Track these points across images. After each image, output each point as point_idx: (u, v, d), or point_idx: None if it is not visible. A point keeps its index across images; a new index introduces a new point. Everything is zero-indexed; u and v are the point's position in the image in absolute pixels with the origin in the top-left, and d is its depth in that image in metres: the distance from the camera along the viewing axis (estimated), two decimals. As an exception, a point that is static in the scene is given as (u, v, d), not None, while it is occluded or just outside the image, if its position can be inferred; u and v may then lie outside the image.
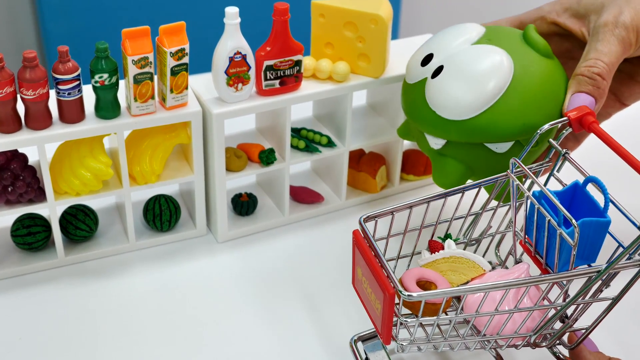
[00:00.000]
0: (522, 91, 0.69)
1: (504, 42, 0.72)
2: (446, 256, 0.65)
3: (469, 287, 0.57)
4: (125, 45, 0.73)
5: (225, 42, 0.76)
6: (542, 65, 0.71)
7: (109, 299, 0.78)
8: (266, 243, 0.86)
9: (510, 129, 0.69)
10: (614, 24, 0.68)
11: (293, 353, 0.72)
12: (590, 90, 0.68)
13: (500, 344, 0.63)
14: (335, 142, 0.87)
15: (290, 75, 0.80)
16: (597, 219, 0.57)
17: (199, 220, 0.85)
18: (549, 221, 0.58)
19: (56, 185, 0.77)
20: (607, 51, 0.68)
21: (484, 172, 0.73)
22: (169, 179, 0.82)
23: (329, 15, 0.82)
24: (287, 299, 0.78)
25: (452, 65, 0.71)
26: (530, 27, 0.72)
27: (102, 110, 0.75)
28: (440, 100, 0.71)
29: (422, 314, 0.59)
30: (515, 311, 0.59)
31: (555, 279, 0.58)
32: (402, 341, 0.61)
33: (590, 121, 0.63)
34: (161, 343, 0.73)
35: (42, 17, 1.64)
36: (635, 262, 0.57)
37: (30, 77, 0.71)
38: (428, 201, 0.65)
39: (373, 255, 0.58)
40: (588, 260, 0.59)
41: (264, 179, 0.91)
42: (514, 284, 0.57)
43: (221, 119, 0.78)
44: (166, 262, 0.83)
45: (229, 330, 0.75)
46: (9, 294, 0.78)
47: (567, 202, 0.61)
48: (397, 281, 0.56)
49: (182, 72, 0.76)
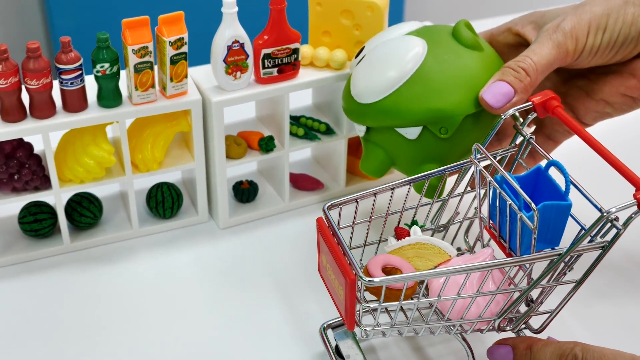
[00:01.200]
0: (428, 78, 0.71)
1: (431, 35, 0.74)
2: (412, 242, 0.66)
3: (429, 272, 0.57)
4: (126, 35, 0.75)
5: (223, 31, 0.78)
6: (459, 55, 0.72)
7: (114, 284, 0.80)
8: (267, 229, 0.88)
9: (413, 113, 0.71)
10: (553, 29, 0.69)
11: (299, 334, 0.74)
12: (512, 81, 0.68)
13: (465, 328, 0.63)
14: (334, 129, 0.88)
15: (288, 63, 0.81)
16: (558, 202, 0.58)
17: (201, 207, 0.87)
18: (509, 205, 0.59)
19: (61, 173, 0.79)
20: (539, 51, 0.68)
21: (403, 159, 0.76)
22: (171, 167, 0.83)
23: (326, 3, 0.83)
24: (287, 284, 0.80)
25: (369, 55, 0.75)
26: (461, 22, 0.74)
27: (104, 99, 0.77)
28: (354, 86, 0.75)
29: (384, 299, 0.59)
30: (478, 295, 0.60)
31: (516, 262, 0.58)
32: (365, 327, 0.61)
33: (554, 105, 0.64)
34: (164, 326, 0.75)
35: (49, 10, 1.66)
36: (597, 244, 0.57)
37: (33, 67, 0.73)
38: (392, 188, 0.66)
39: (335, 242, 0.59)
40: (551, 243, 0.59)
41: (265, 166, 0.93)
42: (475, 268, 0.58)
43: (220, 106, 0.80)
44: (169, 248, 0.85)
45: (229, 314, 0.76)
46: (17, 279, 0.80)
47: (530, 187, 0.62)
48: (358, 267, 0.57)
49: (181, 61, 0.77)
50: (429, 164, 0.74)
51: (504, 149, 0.68)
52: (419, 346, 0.72)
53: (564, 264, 0.59)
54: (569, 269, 0.59)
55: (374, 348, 0.72)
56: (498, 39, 0.77)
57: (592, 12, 0.69)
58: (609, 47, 0.69)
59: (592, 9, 0.69)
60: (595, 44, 0.69)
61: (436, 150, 0.73)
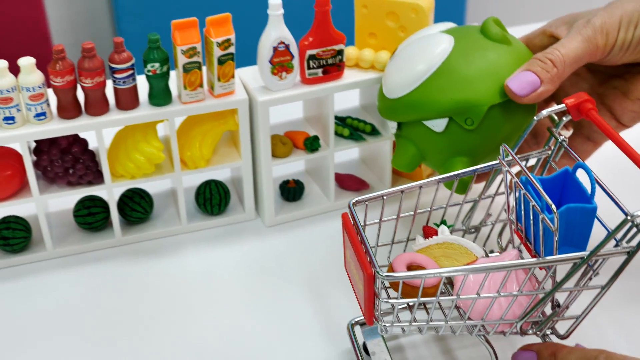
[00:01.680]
0: (453, 70, 0.72)
1: (460, 33, 0.76)
2: (439, 242, 0.67)
3: (446, 270, 0.58)
4: (175, 36, 0.78)
5: (269, 32, 0.80)
6: (486, 48, 0.73)
7: (162, 276, 0.83)
8: (312, 228, 0.89)
9: (439, 104, 0.73)
10: (584, 25, 0.70)
11: (330, 330, 0.75)
12: (539, 71, 0.69)
13: (487, 329, 0.63)
14: (380, 130, 0.90)
15: (333, 64, 0.83)
16: (582, 205, 0.57)
17: (248, 204, 0.89)
18: (533, 206, 0.59)
19: (113, 168, 0.83)
20: (567, 45, 0.69)
21: (432, 153, 0.77)
22: (219, 165, 0.86)
23: (372, 5, 0.85)
24: (324, 281, 0.81)
25: (400, 52, 0.77)
26: (490, 18, 0.75)
27: (155, 97, 0.80)
28: (385, 83, 0.78)
29: (405, 295, 0.60)
30: (498, 296, 0.60)
31: (535, 264, 0.58)
32: (385, 322, 0.61)
33: (588, 108, 0.64)
34: (204, 317, 0.77)
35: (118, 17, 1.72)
36: (622, 249, 0.57)
37: (88, 67, 0.77)
38: (420, 186, 0.67)
39: (357, 238, 0.60)
40: (578, 247, 0.59)
41: (312, 166, 0.95)
42: (493, 268, 0.58)
43: (266, 106, 0.82)
44: (215, 244, 0.87)
45: (265, 308, 0.78)
46: (70, 270, 0.84)
47: (558, 189, 0.62)
48: (376, 262, 0.57)
49: (228, 61, 0.80)
50: (459, 158, 0.74)
51: (538, 151, 0.68)
52: (448, 348, 0.72)
53: (589, 268, 0.59)
54: (595, 274, 0.59)
55: (402, 347, 0.72)
56: (534, 42, 0.78)
57: (624, 9, 0.69)
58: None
59: (623, 6, 0.69)
60: (626, 40, 0.69)
61: (464, 143, 0.73)
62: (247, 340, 0.75)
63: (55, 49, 0.75)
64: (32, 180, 0.80)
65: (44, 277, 0.83)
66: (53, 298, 0.80)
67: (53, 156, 0.80)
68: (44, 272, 0.83)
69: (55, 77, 0.76)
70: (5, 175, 0.80)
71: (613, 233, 0.55)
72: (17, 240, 0.83)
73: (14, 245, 0.83)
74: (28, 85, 0.75)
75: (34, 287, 0.82)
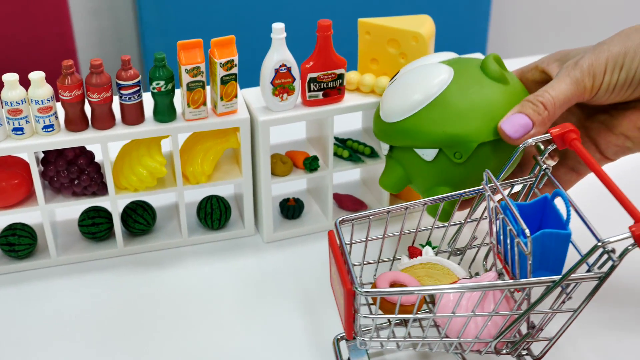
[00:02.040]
0: (449, 103, 0.74)
1: (460, 66, 0.77)
2: (423, 262, 0.69)
3: (421, 288, 0.60)
4: (180, 56, 0.81)
5: (271, 55, 0.83)
6: (483, 85, 0.75)
7: (161, 287, 0.86)
8: (309, 245, 0.92)
9: (430, 135, 0.75)
10: (572, 66, 0.72)
11: (318, 344, 0.77)
12: (530, 113, 0.71)
13: (464, 347, 0.65)
14: (378, 153, 0.92)
15: (333, 87, 0.85)
16: (557, 231, 0.59)
17: (247, 220, 0.92)
18: (509, 230, 0.61)
19: (117, 180, 0.86)
20: (557, 87, 0.71)
21: (419, 179, 0.79)
22: (220, 180, 0.89)
23: (374, 32, 0.87)
24: (317, 298, 0.83)
25: (400, 78, 0.80)
26: (491, 55, 0.77)
27: (159, 114, 0.83)
28: (382, 107, 0.80)
29: (385, 312, 0.62)
30: (473, 315, 0.62)
31: (508, 285, 0.60)
32: (365, 337, 0.64)
33: (572, 138, 0.66)
34: (203, 328, 0.80)
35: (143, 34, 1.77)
36: (595, 274, 0.58)
37: (95, 82, 0.80)
38: (406, 207, 0.69)
39: (340, 255, 0.62)
40: (553, 271, 0.60)
41: (312, 185, 0.97)
42: (468, 288, 0.60)
43: (267, 125, 0.84)
44: (215, 258, 0.90)
45: (256, 322, 0.80)
46: (74, 278, 0.87)
47: (538, 216, 0.63)
48: (356, 278, 0.60)
49: (231, 81, 0.83)
50: (443, 187, 0.76)
51: (522, 179, 0.69)
52: (432, 365, 0.74)
53: (562, 292, 0.60)
54: (568, 298, 0.60)
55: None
56: (527, 76, 0.80)
57: (610, 51, 0.71)
58: (626, 85, 0.71)
59: (610, 48, 0.71)
60: (612, 82, 0.71)
61: (451, 174, 0.75)
62: (238, 351, 0.77)
63: (64, 65, 0.79)
64: (39, 189, 0.83)
65: (47, 283, 0.86)
66: (55, 304, 0.83)
67: (59, 167, 0.83)
68: (47, 279, 0.86)
69: (63, 92, 0.79)
70: (13, 183, 0.83)
71: (584, 258, 0.57)
72: (22, 246, 0.86)
73: (19, 252, 0.86)
74: (37, 98, 0.78)
75: (37, 292, 0.84)
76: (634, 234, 0.55)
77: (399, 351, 0.74)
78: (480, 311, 0.62)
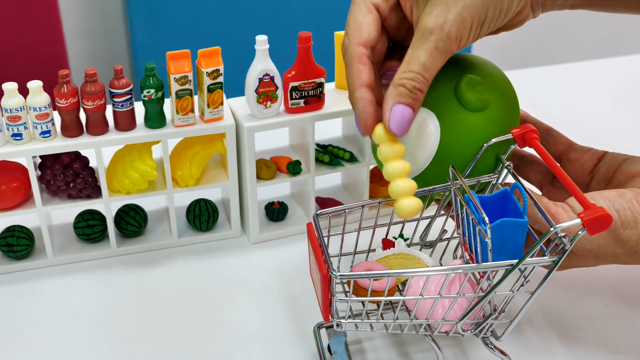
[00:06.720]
0: (447, 161, 0.73)
1: (437, 104, 0.74)
2: (396, 253, 0.74)
3: (391, 271, 0.65)
4: (169, 66, 0.86)
5: (255, 65, 0.88)
6: (465, 126, 0.73)
7: (152, 285, 0.90)
8: (292, 246, 0.97)
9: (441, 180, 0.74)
10: (439, 34, 0.67)
11: (300, 335, 0.82)
12: (411, 102, 0.68)
13: (432, 329, 0.70)
14: (357, 158, 0.97)
15: (314, 95, 0.91)
16: (515, 219, 0.64)
17: (234, 222, 0.97)
18: (472, 219, 0.66)
19: (110, 184, 0.91)
20: (429, 65, 0.67)
21: None
22: (207, 184, 0.94)
23: (352, 44, 0.93)
24: (300, 293, 0.88)
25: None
26: (463, 82, 0.72)
27: (150, 121, 0.89)
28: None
29: (356, 295, 0.68)
30: (439, 297, 0.66)
31: (470, 269, 0.65)
32: (340, 319, 0.69)
33: (532, 137, 0.70)
34: (192, 322, 0.84)
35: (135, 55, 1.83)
36: (549, 259, 0.63)
37: (90, 90, 0.85)
38: (380, 202, 0.74)
39: (318, 244, 0.67)
40: (512, 257, 0.65)
41: (296, 190, 1.02)
42: (433, 272, 0.65)
43: (252, 131, 0.90)
44: (204, 258, 0.95)
45: (242, 316, 0.85)
46: (69, 277, 0.91)
47: (500, 207, 0.68)
48: (331, 263, 0.65)
49: (217, 89, 0.88)
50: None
51: (488, 175, 0.74)
52: (406, 352, 0.79)
53: (520, 275, 0.65)
54: (527, 281, 0.65)
55: (363, 350, 0.79)
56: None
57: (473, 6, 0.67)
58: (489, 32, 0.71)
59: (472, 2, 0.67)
60: (476, 37, 0.70)
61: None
62: (224, 345, 0.82)
63: (60, 74, 0.84)
64: (36, 192, 0.88)
65: (44, 282, 0.91)
66: (51, 301, 0.88)
67: (56, 171, 0.88)
68: (44, 278, 0.91)
69: (60, 99, 0.85)
70: (12, 186, 0.88)
71: (538, 243, 0.62)
72: (20, 247, 0.90)
73: (18, 252, 0.91)
74: (35, 105, 0.84)
75: (35, 291, 0.89)
76: (582, 219, 0.60)
77: (376, 338, 0.79)
78: (446, 294, 0.67)
